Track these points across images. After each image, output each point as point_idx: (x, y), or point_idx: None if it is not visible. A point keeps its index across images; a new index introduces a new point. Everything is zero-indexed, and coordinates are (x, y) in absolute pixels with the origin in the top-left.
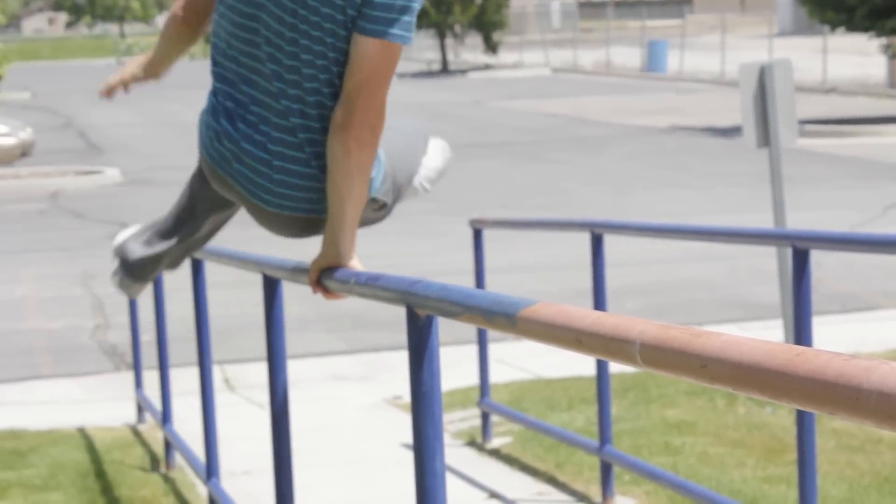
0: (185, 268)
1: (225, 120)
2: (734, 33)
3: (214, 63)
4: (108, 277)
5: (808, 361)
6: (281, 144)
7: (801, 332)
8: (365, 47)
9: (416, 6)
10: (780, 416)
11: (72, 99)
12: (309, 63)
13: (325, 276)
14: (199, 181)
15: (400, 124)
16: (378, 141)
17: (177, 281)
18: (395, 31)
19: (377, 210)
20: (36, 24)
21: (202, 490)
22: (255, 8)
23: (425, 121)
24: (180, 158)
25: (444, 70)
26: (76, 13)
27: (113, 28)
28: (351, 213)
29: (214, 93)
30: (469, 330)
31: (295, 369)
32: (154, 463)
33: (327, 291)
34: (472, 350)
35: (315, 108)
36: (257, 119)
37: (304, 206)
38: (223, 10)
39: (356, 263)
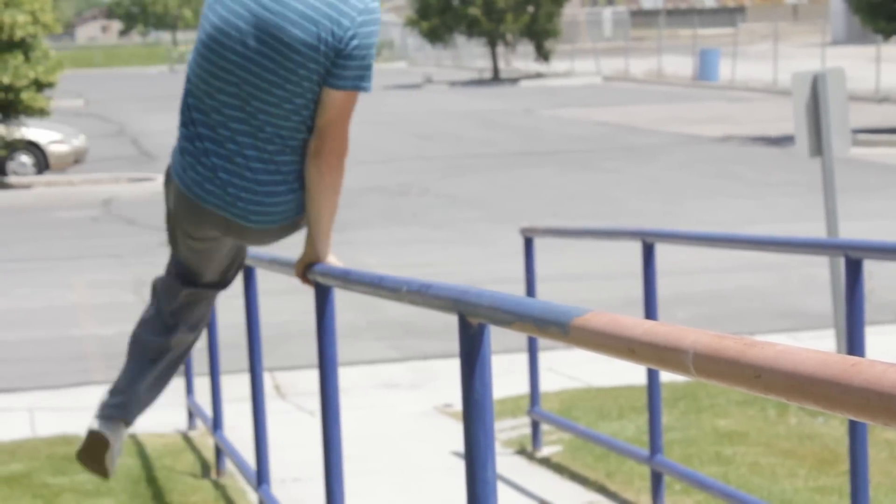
0: (238, 275)
1: (213, 158)
2: (787, 42)
3: (195, 110)
4: None
5: (862, 372)
6: (263, 172)
7: (853, 343)
8: (335, 96)
9: (374, 61)
10: (832, 427)
11: (124, 106)
12: (291, 109)
13: (309, 270)
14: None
15: None
16: (344, 165)
17: (229, 288)
18: (359, 83)
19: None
20: (89, 33)
21: (253, 497)
22: (245, 72)
23: (475, 129)
24: None
25: (496, 78)
26: (129, 21)
27: (165, 36)
28: (326, 222)
29: (192, 137)
30: (519, 338)
31: (345, 376)
32: (205, 469)
33: (308, 281)
34: (522, 358)
35: (290, 139)
36: (238, 152)
37: (281, 217)
38: (206, 73)
39: (333, 259)
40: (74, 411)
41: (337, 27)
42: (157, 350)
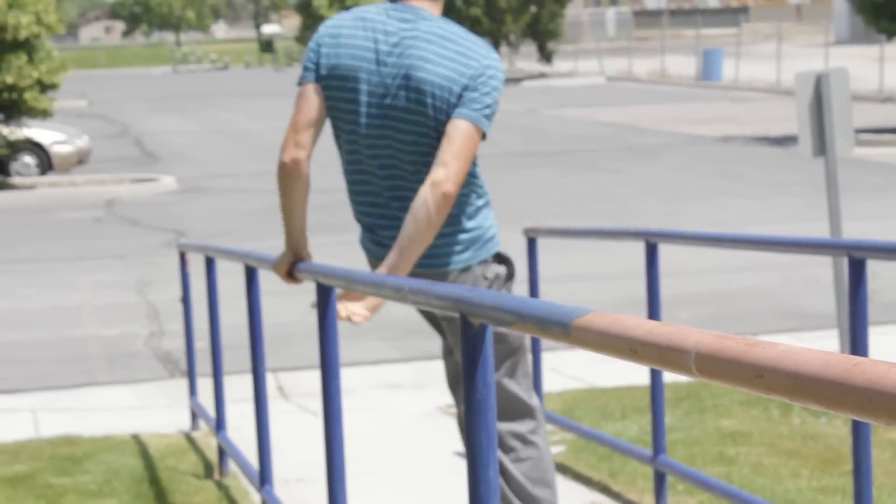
0: (239, 276)
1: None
2: (790, 42)
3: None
4: None
5: (865, 372)
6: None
7: (857, 343)
8: (461, 124)
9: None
10: (836, 427)
11: (128, 107)
12: (417, 147)
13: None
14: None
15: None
16: (451, 202)
17: (231, 289)
18: (485, 121)
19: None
20: (93, 33)
21: (255, 497)
22: (383, 128)
23: None
24: (235, 166)
25: None
26: (133, 22)
27: (169, 37)
28: (417, 250)
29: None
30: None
31: (348, 377)
32: (208, 470)
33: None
34: None
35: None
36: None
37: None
38: (356, 146)
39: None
40: (78, 412)
41: (470, 70)
42: None
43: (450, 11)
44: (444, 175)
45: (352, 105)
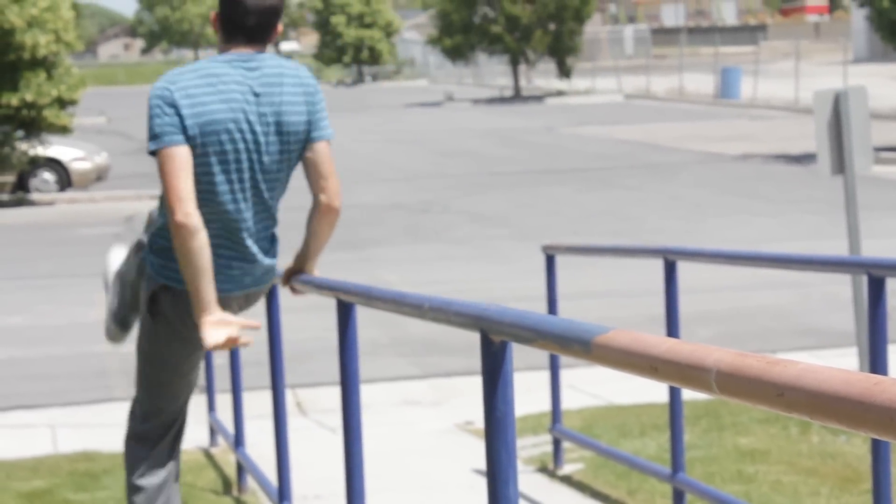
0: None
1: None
2: (808, 60)
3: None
4: None
5: (886, 391)
6: (261, 245)
7: (876, 361)
8: (324, 146)
9: None
10: (855, 445)
11: (146, 124)
12: (283, 180)
13: (295, 279)
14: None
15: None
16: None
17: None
18: (331, 130)
19: None
20: (112, 50)
21: None
22: (255, 171)
23: (496, 147)
24: None
25: (517, 96)
26: (152, 39)
27: (188, 54)
28: (323, 248)
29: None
30: (540, 355)
31: (366, 393)
32: (226, 486)
33: (296, 290)
34: (544, 376)
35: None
36: (243, 240)
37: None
38: (218, 187)
39: (316, 271)
40: (96, 428)
41: (308, 97)
42: None
43: (469, 29)
44: (332, 194)
45: (232, 154)
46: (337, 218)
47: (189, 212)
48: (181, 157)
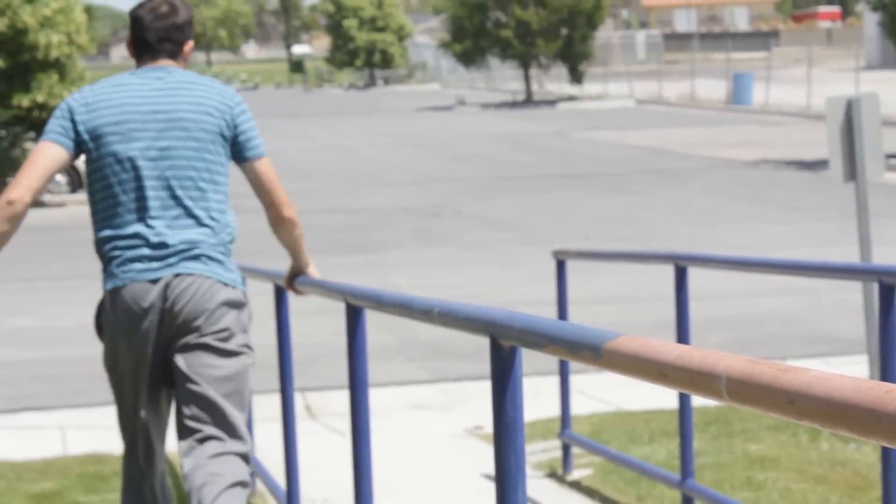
0: (269, 295)
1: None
2: (821, 66)
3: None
4: None
5: None
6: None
7: (887, 368)
8: (260, 164)
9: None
10: (865, 453)
11: None
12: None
13: (297, 281)
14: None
15: None
16: (294, 212)
17: (260, 308)
18: (263, 148)
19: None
20: (124, 52)
21: None
22: (159, 177)
23: (508, 151)
24: None
25: (529, 100)
26: None
27: (200, 56)
28: (304, 252)
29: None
30: (550, 361)
31: (376, 397)
32: None
33: (298, 291)
34: (553, 381)
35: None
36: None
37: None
38: (116, 182)
39: (316, 272)
40: (106, 430)
41: (229, 115)
42: None
43: (481, 33)
44: (278, 205)
45: (130, 153)
46: (293, 225)
47: (19, 190)
48: (46, 150)
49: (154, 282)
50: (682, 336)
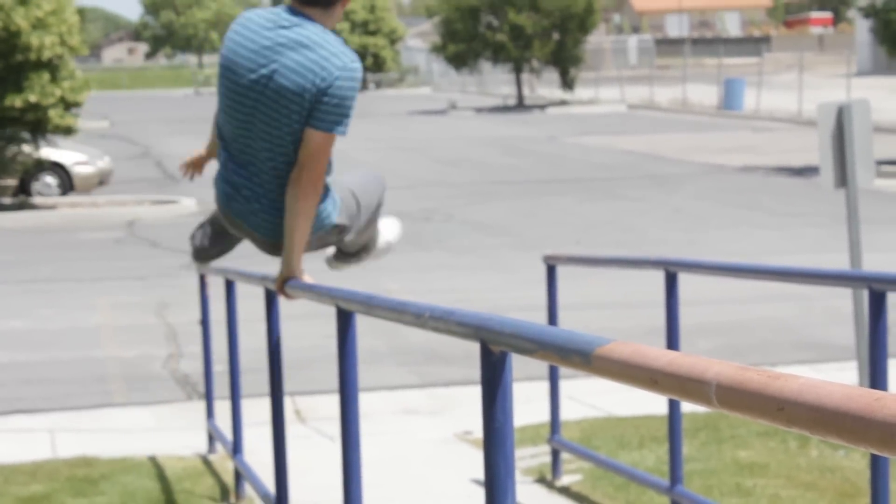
0: (259, 298)
1: (232, 182)
2: (812, 72)
3: (222, 128)
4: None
5: (886, 406)
6: (267, 196)
7: (877, 375)
8: (315, 136)
9: (353, 110)
10: (854, 460)
11: (149, 128)
12: (283, 142)
13: (287, 285)
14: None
15: (363, 171)
16: (318, 194)
17: (250, 312)
18: (338, 128)
19: (339, 234)
20: (115, 55)
21: None
22: (250, 116)
23: (499, 156)
24: None
25: (520, 105)
26: (155, 44)
27: (192, 59)
28: (298, 242)
29: (224, 165)
30: (540, 366)
31: (365, 402)
32: (224, 493)
33: (288, 295)
34: (543, 386)
35: (284, 169)
36: (250, 176)
37: (279, 234)
38: (221, 96)
39: (307, 277)
40: (95, 433)
41: (320, 80)
42: None
43: (473, 37)
44: (300, 175)
45: (231, 93)
46: (302, 189)
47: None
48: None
49: None
50: (672, 342)
